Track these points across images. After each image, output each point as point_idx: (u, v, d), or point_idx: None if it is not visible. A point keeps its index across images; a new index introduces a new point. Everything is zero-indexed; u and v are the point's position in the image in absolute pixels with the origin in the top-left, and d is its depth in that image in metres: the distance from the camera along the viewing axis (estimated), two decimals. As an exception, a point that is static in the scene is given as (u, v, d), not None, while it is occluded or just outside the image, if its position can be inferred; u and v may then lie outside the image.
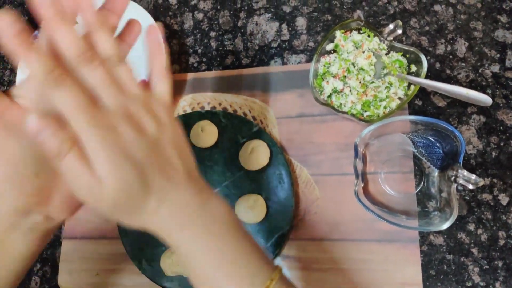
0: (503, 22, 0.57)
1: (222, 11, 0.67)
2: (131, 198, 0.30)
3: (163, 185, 0.31)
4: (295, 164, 0.58)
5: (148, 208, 0.31)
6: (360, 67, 0.54)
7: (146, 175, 0.30)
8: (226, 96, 0.63)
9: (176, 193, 0.32)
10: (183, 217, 0.32)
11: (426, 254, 0.52)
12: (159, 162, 0.31)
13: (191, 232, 0.32)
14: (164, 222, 0.32)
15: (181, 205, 0.32)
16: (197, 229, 0.33)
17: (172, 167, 0.32)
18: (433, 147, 0.52)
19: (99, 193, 0.29)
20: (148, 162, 0.30)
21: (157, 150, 0.31)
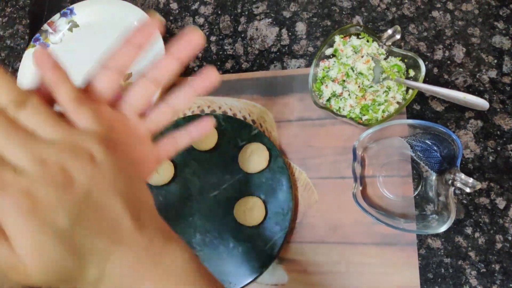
0: (500, 28, 0.58)
1: (223, 16, 0.68)
2: (63, 275, 0.25)
3: (102, 248, 0.26)
4: (294, 167, 0.59)
5: (87, 278, 0.26)
6: (359, 72, 0.54)
7: (77, 243, 0.25)
8: (226, 99, 0.64)
9: (120, 253, 0.26)
10: (131, 281, 0.27)
11: (424, 257, 0.53)
12: (95, 220, 0.25)
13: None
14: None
15: (127, 267, 0.27)
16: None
17: (113, 220, 0.26)
18: (431, 151, 0.52)
19: (23, 273, 0.24)
20: (79, 225, 0.25)
21: (91, 204, 0.25)
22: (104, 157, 0.26)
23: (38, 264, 0.24)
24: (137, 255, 0.27)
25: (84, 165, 0.25)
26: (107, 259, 0.26)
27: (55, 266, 0.24)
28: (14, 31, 0.76)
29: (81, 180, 0.25)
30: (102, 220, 0.26)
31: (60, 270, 0.25)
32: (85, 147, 0.26)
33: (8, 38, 0.75)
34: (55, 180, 0.24)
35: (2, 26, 0.77)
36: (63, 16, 0.68)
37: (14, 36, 0.75)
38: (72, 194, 0.24)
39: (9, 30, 0.76)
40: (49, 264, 0.24)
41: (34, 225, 0.23)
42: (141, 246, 0.27)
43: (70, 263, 0.25)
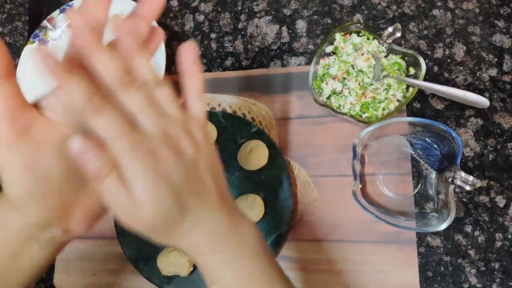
0: (501, 27, 0.58)
1: (223, 13, 0.68)
2: (168, 221, 0.31)
3: (198, 208, 0.32)
4: (293, 165, 0.58)
5: (182, 229, 0.32)
6: (359, 69, 0.54)
7: (183, 198, 0.31)
8: (225, 97, 0.63)
9: (209, 216, 0.32)
10: (214, 240, 0.33)
11: (424, 255, 0.52)
12: (195, 185, 0.31)
13: (221, 255, 0.33)
14: (195, 244, 0.33)
15: (213, 228, 0.33)
16: (226, 253, 0.34)
17: (207, 190, 0.32)
18: (431, 149, 0.52)
19: (137, 216, 0.30)
20: (185, 185, 0.31)
21: (194, 173, 0.31)
22: (203, 142, 0.32)
23: (152, 210, 0.29)
24: (219, 223, 0.33)
25: (192, 144, 0.31)
26: (199, 218, 0.32)
27: (164, 213, 0.30)
28: (13, 27, 0.75)
29: (189, 154, 0.31)
30: (200, 187, 0.32)
31: (166, 217, 0.30)
32: (193, 131, 0.32)
33: (7, 35, 0.75)
34: (173, 148, 0.30)
35: (1, 22, 0.76)
36: (62, 12, 0.68)
37: (13, 32, 0.75)
38: (184, 161, 0.30)
39: (8, 26, 0.76)
40: (160, 210, 0.30)
41: (154, 178, 0.29)
42: (224, 215, 0.33)
43: (175, 212, 0.31)
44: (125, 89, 0.29)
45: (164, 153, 0.29)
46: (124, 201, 0.29)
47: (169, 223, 0.31)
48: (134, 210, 0.29)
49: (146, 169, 0.29)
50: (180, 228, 0.32)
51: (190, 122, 0.32)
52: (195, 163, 0.31)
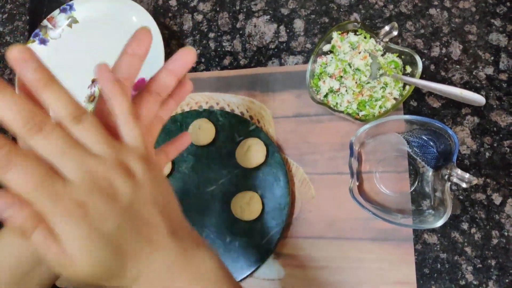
0: (497, 25, 0.59)
1: (221, 13, 0.68)
2: (107, 272, 0.28)
3: (141, 251, 0.29)
4: (291, 163, 0.59)
5: (127, 276, 0.29)
6: (356, 68, 0.55)
7: (120, 245, 0.28)
8: (224, 96, 0.64)
9: (156, 256, 0.30)
10: (165, 281, 0.30)
11: (420, 252, 0.53)
12: (136, 227, 0.28)
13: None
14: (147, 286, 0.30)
15: (162, 269, 0.30)
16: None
17: (151, 228, 0.29)
18: (427, 146, 0.53)
19: (72, 268, 0.27)
20: (122, 231, 0.28)
21: (133, 214, 0.28)
22: (143, 174, 0.29)
23: (86, 263, 0.27)
24: (172, 259, 0.30)
25: (128, 181, 0.28)
26: (145, 261, 0.29)
27: (100, 264, 0.27)
28: (14, 27, 0.76)
29: (124, 193, 0.28)
30: (142, 227, 0.29)
31: (104, 268, 0.28)
32: (128, 165, 0.29)
33: (8, 34, 0.76)
34: (103, 192, 0.27)
35: (2, 22, 0.77)
36: (62, 12, 0.68)
37: (13, 32, 0.76)
38: (118, 204, 0.27)
39: (9, 26, 0.76)
40: (96, 263, 0.27)
41: (85, 230, 0.26)
42: (175, 251, 0.30)
43: (113, 262, 0.28)
44: (35, 133, 0.26)
45: (92, 201, 0.26)
46: (54, 255, 0.27)
47: (108, 273, 0.28)
48: (67, 263, 0.27)
49: (73, 221, 0.26)
50: (124, 275, 0.29)
51: (125, 155, 0.29)
52: (133, 203, 0.28)
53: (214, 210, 0.58)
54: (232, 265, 0.55)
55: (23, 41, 0.74)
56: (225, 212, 0.57)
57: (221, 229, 0.57)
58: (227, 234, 0.56)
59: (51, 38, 0.69)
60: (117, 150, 0.29)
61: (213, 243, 0.56)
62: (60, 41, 0.69)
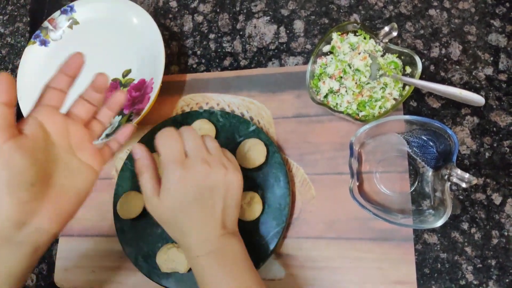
0: (496, 26, 0.59)
1: (222, 14, 0.69)
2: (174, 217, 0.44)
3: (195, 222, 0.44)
4: (291, 163, 0.59)
5: (183, 230, 0.44)
6: (356, 68, 0.55)
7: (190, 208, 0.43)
8: (224, 96, 0.64)
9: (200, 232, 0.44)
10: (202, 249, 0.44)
11: (420, 252, 0.53)
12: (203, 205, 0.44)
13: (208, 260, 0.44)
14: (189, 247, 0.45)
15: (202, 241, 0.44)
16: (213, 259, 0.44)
17: (213, 207, 0.44)
18: (427, 146, 0.53)
19: (154, 206, 0.44)
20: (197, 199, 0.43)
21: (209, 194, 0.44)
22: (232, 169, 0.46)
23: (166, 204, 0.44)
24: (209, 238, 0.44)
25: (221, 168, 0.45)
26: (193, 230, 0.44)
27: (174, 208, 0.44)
28: (15, 28, 0.76)
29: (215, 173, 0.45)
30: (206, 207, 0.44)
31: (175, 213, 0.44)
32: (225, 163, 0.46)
33: (9, 36, 0.76)
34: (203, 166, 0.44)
35: (2, 23, 0.77)
36: (63, 13, 0.69)
37: (14, 33, 0.76)
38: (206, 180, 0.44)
39: (10, 27, 0.76)
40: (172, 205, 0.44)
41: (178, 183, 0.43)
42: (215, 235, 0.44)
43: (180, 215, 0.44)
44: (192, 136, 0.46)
45: (194, 169, 0.43)
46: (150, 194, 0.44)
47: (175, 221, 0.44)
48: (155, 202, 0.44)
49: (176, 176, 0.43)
50: (181, 228, 0.44)
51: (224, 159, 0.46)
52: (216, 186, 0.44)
53: (214, 210, 0.58)
54: (232, 265, 0.55)
55: (23, 43, 0.75)
56: (226, 212, 0.57)
57: (221, 230, 0.57)
58: (227, 234, 0.56)
59: (52, 40, 0.69)
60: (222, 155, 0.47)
61: (214, 244, 0.57)
62: (61, 43, 0.69)
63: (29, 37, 0.75)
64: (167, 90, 0.65)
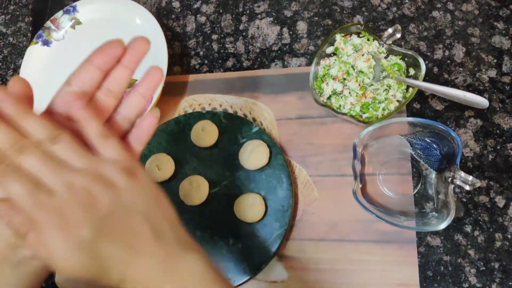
0: (500, 28, 0.59)
1: (224, 14, 0.69)
2: (91, 275, 0.30)
3: (122, 258, 0.30)
4: (294, 165, 0.59)
5: (113, 278, 0.31)
6: (360, 70, 0.55)
7: (99, 252, 0.30)
8: (227, 97, 0.64)
9: (139, 263, 0.31)
10: (150, 283, 0.31)
11: (423, 255, 0.53)
12: (116, 233, 0.30)
13: None
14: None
15: (146, 274, 0.31)
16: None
17: (133, 234, 0.31)
18: (430, 149, 0.53)
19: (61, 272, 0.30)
20: (101, 237, 0.29)
21: (113, 220, 0.30)
22: (124, 184, 0.31)
23: (69, 267, 0.29)
24: (155, 265, 0.31)
25: (107, 190, 0.30)
26: (127, 266, 0.31)
27: (81, 269, 0.30)
28: (17, 28, 0.76)
29: (104, 201, 0.30)
30: (123, 234, 0.30)
31: (87, 272, 0.30)
32: (108, 175, 0.31)
33: (11, 36, 0.76)
34: (81, 201, 0.29)
35: (5, 23, 0.77)
36: (66, 13, 0.69)
37: (16, 33, 0.76)
38: (96, 212, 0.29)
39: (12, 27, 0.76)
40: (76, 267, 0.29)
41: (64, 237, 0.29)
42: (158, 257, 0.31)
43: (94, 267, 0.30)
44: (19, 155, 0.29)
45: (71, 209, 0.29)
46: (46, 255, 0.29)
47: (95, 275, 0.30)
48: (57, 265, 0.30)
49: (54, 228, 0.29)
50: (110, 278, 0.31)
51: (104, 167, 0.31)
52: (113, 210, 0.30)
53: (217, 212, 0.58)
54: (235, 267, 0.55)
55: (26, 43, 0.74)
56: (228, 214, 0.57)
57: (224, 231, 0.57)
58: (230, 236, 0.56)
59: (54, 40, 0.69)
60: (95, 163, 0.31)
61: (216, 245, 0.56)
62: (63, 43, 0.69)
63: (31, 37, 0.75)
64: (169, 91, 0.65)
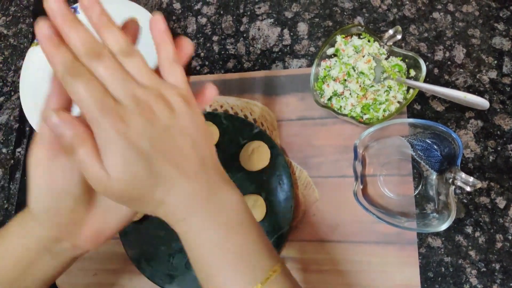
0: (500, 29, 0.59)
1: (225, 16, 0.69)
2: (138, 189, 0.31)
3: (171, 175, 0.31)
4: (295, 166, 0.59)
5: (155, 198, 0.32)
6: (360, 71, 0.55)
7: (154, 165, 0.31)
8: (227, 98, 0.64)
9: (184, 183, 0.32)
10: (189, 207, 0.33)
11: (424, 256, 0.53)
12: (169, 152, 0.31)
13: (196, 222, 0.33)
14: (170, 212, 0.33)
15: (187, 195, 0.32)
16: (202, 220, 0.33)
17: (183, 156, 0.32)
18: (431, 150, 0.53)
19: (107, 184, 0.30)
20: (156, 152, 0.31)
21: (168, 138, 0.31)
22: (181, 108, 0.32)
23: (120, 177, 0.30)
24: (195, 190, 0.33)
25: (166, 109, 0.31)
26: (173, 185, 0.32)
27: (132, 179, 0.30)
28: (18, 29, 0.76)
29: (163, 119, 0.31)
30: (175, 153, 0.32)
31: (135, 186, 0.31)
32: (168, 97, 0.32)
33: (12, 37, 0.76)
34: (143, 113, 0.30)
35: (5, 25, 0.77)
36: (66, 15, 0.69)
37: (17, 35, 0.76)
38: (155, 128, 0.31)
39: (13, 29, 0.76)
40: (129, 176, 0.30)
41: (124, 144, 0.30)
42: (202, 180, 0.33)
43: (145, 181, 0.31)
44: (95, 59, 0.30)
45: (134, 118, 0.30)
46: (94, 170, 0.30)
47: (139, 191, 0.31)
48: (103, 179, 0.30)
49: (115, 135, 0.29)
50: (153, 196, 0.32)
51: (167, 90, 0.32)
52: (169, 129, 0.31)
53: (218, 213, 0.58)
54: (236, 268, 0.55)
55: (26, 44, 0.75)
56: (229, 215, 0.57)
57: (224, 232, 0.57)
58: (230, 237, 0.56)
59: (55, 41, 0.69)
60: (159, 84, 0.32)
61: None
62: (64, 44, 0.69)
63: (32, 38, 0.75)
64: (170, 92, 0.65)
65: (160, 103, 0.31)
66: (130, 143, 0.30)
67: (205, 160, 0.34)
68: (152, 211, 0.33)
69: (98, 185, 0.31)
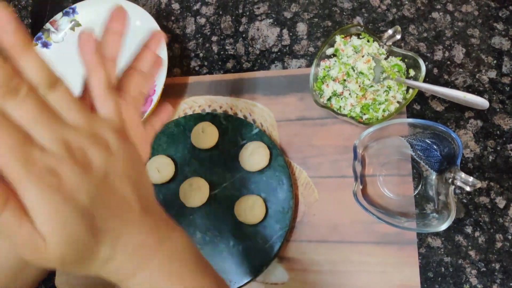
0: (500, 29, 0.59)
1: (224, 16, 0.69)
2: (81, 251, 0.26)
3: (115, 228, 0.27)
4: (294, 166, 0.59)
5: (101, 256, 0.28)
6: (360, 71, 0.55)
7: (95, 221, 0.26)
8: (227, 99, 0.64)
9: (130, 234, 0.28)
10: (138, 260, 0.29)
11: (424, 256, 0.53)
12: (110, 202, 0.27)
13: (147, 274, 0.30)
14: (117, 270, 0.29)
15: (135, 247, 0.29)
16: (153, 271, 0.30)
17: (125, 204, 0.28)
18: (431, 150, 0.53)
19: (44, 251, 0.25)
20: (96, 205, 0.26)
21: (108, 188, 0.27)
22: (118, 147, 0.28)
23: (59, 240, 0.25)
24: (145, 236, 0.29)
25: (102, 152, 0.27)
26: (119, 239, 0.28)
27: (74, 242, 0.26)
28: (16, 30, 0.76)
29: (98, 164, 0.26)
30: (116, 202, 0.27)
31: (77, 247, 0.26)
32: (103, 136, 0.28)
33: (10, 38, 0.76)
34: (77, 162, 0.25)
35: (4, 25, 0.77)
36: (65, 15, 0.68)
37: (16, 35, 0.76)
38: (92, 176, 0.26)
39: (11, 29, 0.76)
40: (69, 239, 0.25)
41: (58, 201, 0.24)
42: (148, 228, 0.29)
43: (88, 239, 0.26)
44: (10, 98, 0.24)
45: (66, 168, 0.25)
46: (25, 234, 0.25)
47: (83, 253, 0.27)
48: (38, 242, 0.25)
49: (45, 191, 0.24)
50: (98, 255, 0.27)
51: (99, 126, 0.28)
52: (107, 175, 0.27)
53: (217, 213, 0.58)
54: (235, 269, 0.55)
55: (25, 44, 0.74)
56: (229, 215, 0.57)
57: (224, 233, 0.57)
58: (230, 238, 0.56)
59: (54, 42, 0.69)
60: (91, 120, 0.27)
61: (217, 247, 0.56)
62: (63, 45, 0.69)
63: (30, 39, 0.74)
64: (169, 93, 0.65)
65: (95, 146, 0.26)
66: (65, 198, 0.25)
67: (147, 202, 0.30)
68: (96, 271, 0.28)
69: (31, 253, 0.25)
